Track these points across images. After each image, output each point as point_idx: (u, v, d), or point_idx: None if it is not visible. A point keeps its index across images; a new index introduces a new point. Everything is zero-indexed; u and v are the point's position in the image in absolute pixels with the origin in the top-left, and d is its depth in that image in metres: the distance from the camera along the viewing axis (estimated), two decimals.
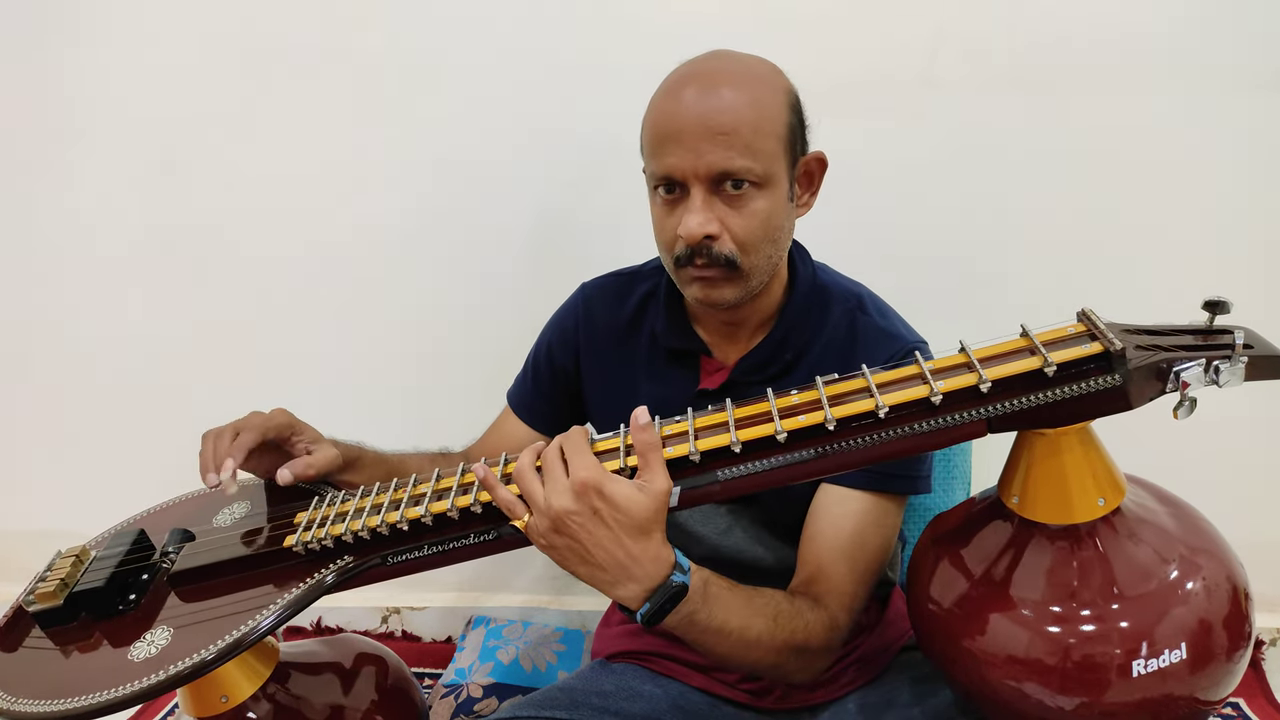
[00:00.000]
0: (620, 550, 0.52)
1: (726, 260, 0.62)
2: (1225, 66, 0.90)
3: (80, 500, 1.11)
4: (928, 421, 0.50)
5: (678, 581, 0.53)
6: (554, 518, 0.51)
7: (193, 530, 0.68)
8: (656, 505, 0.51)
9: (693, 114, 0.60)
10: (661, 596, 0.53)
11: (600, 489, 0.50)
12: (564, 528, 0.51)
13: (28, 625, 0.62)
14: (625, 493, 0.51)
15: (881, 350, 0.68)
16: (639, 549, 0.52)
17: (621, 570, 0.52)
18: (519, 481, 0.53)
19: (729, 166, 0.60)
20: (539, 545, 0.54)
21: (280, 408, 0.70)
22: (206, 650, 0.54)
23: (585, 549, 0.52)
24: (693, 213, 0.61)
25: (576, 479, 0.51)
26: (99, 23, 1.05)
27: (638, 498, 0.51)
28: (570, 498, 0.51)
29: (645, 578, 0.53)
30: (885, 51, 0.94)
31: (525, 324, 0.85)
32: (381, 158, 1.07)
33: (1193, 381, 0.47)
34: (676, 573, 0.54)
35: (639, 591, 0.53)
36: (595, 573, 0.53)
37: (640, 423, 0.52)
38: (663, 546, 0.53)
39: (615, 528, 0.51)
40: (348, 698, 0.70)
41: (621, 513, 0.51)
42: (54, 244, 1.17)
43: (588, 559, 0.52)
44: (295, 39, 1.03)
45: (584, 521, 0.51)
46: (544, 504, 0.52)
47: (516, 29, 0.99)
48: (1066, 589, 0.52)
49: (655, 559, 0.53)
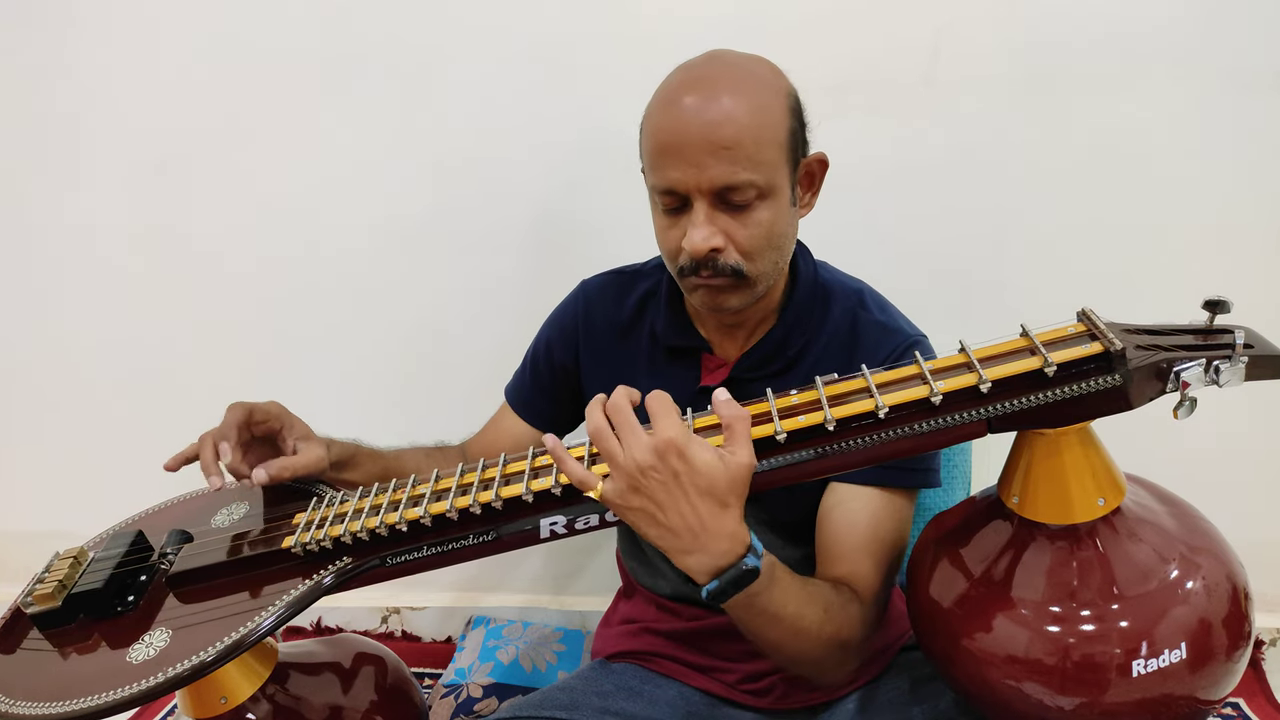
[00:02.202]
0: (694, 517, 0.50)
1: (732, 270, 0.62)
2: (1225, 66, 0.90)
3: (79, 501, 1.11)
4: (928, 421, 0.50)
5: (750, 565, 0.52)
6: (632, 475, 0.50)
7: (191, 531, 0.68)
8: (734, 477, 0.50)
9: (694, 127, 0.58)
10: (732, 576, 0.52)
11: (683, 451, 0.49)
12: (641, 485, 0.50)
13: (26, 627, 0.62)
14: (706, 459, 0.50)
15: (883, 345, 0.68)
16: (714, 521, 0.51)
17: (694, 538, 0.51)
18: (597, 440, 0.51)
19: (732, 180, 0.59)
20: (615, 507, 0.52)
21: (274, 401, 0.69)
22: (205, 652, 0.54)
23: (660, 509, 0.50)
24: (697, 227, 0.60)
25: (661, 436, 0.49)
26: (99, 23, 1.05)
27: (718, 466, 0.50)
28: (651, 454, 0.49)
29: (718, 553, 0.51)
30: (885, 51, 0.94)
31: (525, 321, 0.85)
32: (381, 157, 1.07)
33: (1193, 381, 0.47)
34: (750, 555, 0.52)
35: (709, 565, 0.52)
36: (667, 536, 0.51)
37: (722, 398, 0.51)
38: (739, 524, 0.52)
39: (692, 492, 0.50)
40: (347, 698, 0.70)
41: (701, 478, 0.49)
42: (53, 244, 1.17)
43: (661, 521, 0.51)
44: (295, 40, 1.02)
45: (664, 480, 0.50)
46: (623, 459, 0.50)
47: (517, 29, 0.99)
48: (1066, 589, 0.52)
49: (731, 535, 0.51)
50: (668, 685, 0.78)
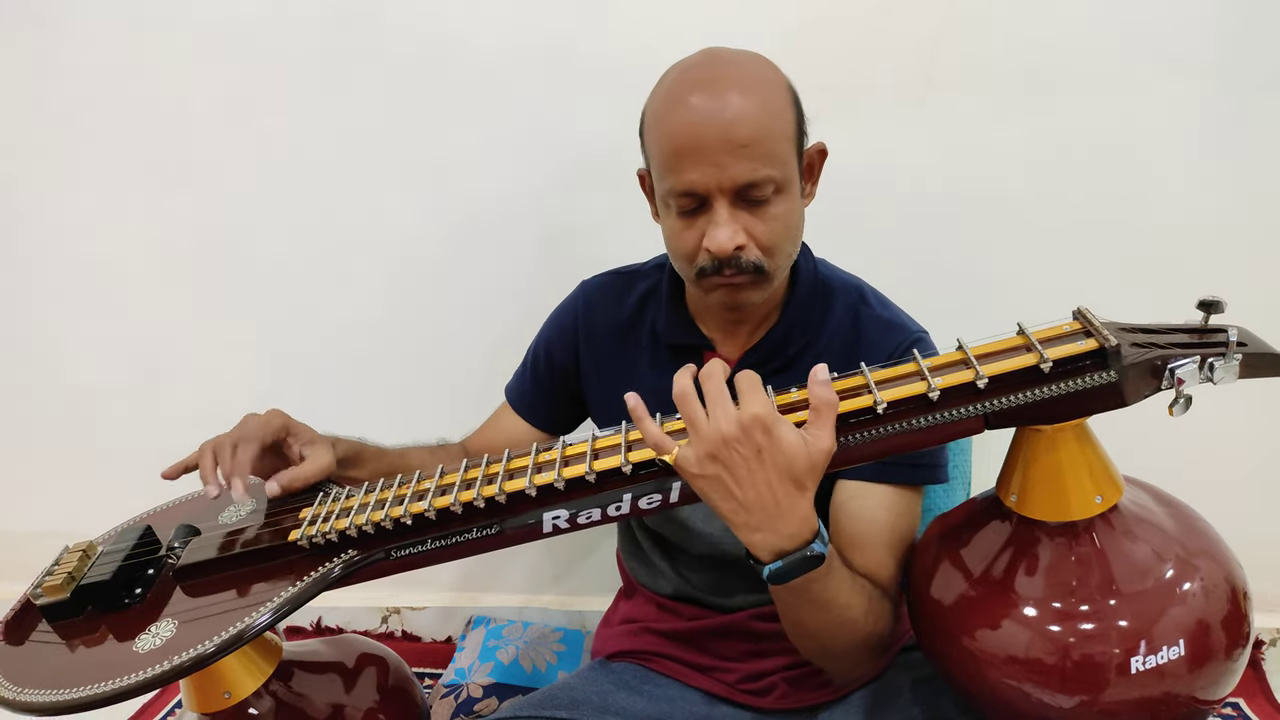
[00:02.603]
0: (770, 495, 0.50)
1: (754, 267, 0.62)
2: (1225, 66, 0.90)
3: (82, 501, 1.11)
4: (926, 417, 0.51)
5: (816, 550, 0.52)
6: (713, 443, 0.50)
7: (198, 526, 0.68)
8: (814, 460, 0.50)
9: (711, 126, 0.58)
10: (797, 558, 0.52)
11: (770, 428, 0.49)
12: (721, 454, 0.50)
13: (35, 619, 0.62)
14: (791, 439, 0.50)
15: (886, 341, 0.68)
16: (788, 501, 0.51)
17: (765, 516, 0.51)
18: (682, 404, 0.51)
19: (753, 177, 0.59)
20: (686, 473, 0.52)
21: (275, 409, 0.69)
22: (208, 642, 0.55)
23: (736, 483, 0.50)
24: (720, 226, 0.60)
25: (749, 411, 0.49)
26: (99, 23, 1.05)
27: (800, 447, 0.50)
28: (737, 426, 0.49)
29: (787, 535, 0.52)
30: (885, 51, 0.94)
31: (525, 321, 0.86)
32: (381, 157, 1.07)
33: (1187, 378, 0.48)
34: (818, 541, 0.53)
35: (775, 545, 0.52)
36: (739, 511, 0.51)
37: (820, 378, 0.50)
38: (810, 509, 0.52)
39: (772, 470, 0.50)
40: (349, 697, 0.70)
41: (783, 457, 0.50)
42: (55, 244, 1.17)
43: (734, 494, 0.51)
44: (295, 40, 1.03)
45: (746, 454, 0.50)
46: (706, 427, 0.50)
47: (517, 29, 0.99)
48: (1065, 586, 0.52)
49: (803, 519, 0.52)
50: (668, 685, 0.78)
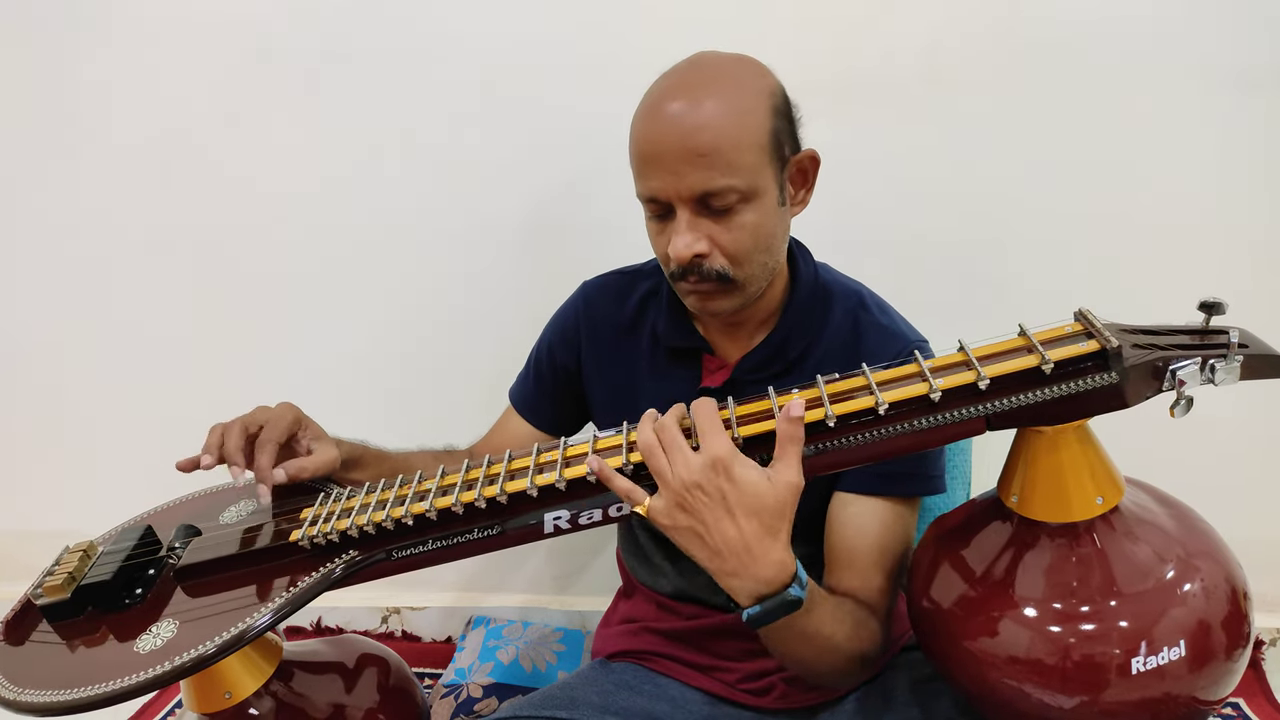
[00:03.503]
0: (739, 538, 0.50)
1: (719, 275, 0.62)
2: (1225, 66, 0.90)
3: (82, 501, 1.12)
4: (927, 418, 0.51)
5: (794, 595, 0.52)
6: (678, 492, 0.50)
7: (199, 526, 0.68)
8: (783, 499, 0.50)
9: (671, 135, 0.59)
10: (775, 604, 0.52)
11: (729, 469, 0.49)
12: (688, 503, 0.50)
13: (35, 619, 0.62)
14: (753, 479, 0.49)
15: (884, 348, 0.69)
16: (759, 545, 0.50)
17: (738, 560, 0.51)
18: (647, 457, 0.51)
19: (710, 186, 0.59)
20: (660, 524, 0.52)
21: (286, 402, 0.70)
22: (209, 643, 0.55)
23: (707, 530, 0.50)
24: (679, 235, 0.61)
25: (710, 454, 0.49)
26: (99, 22, 1.05)
27: (765, 486, 0.50)
28: (700, 471, 0.49)
29: (763, 580, 0.51)
30: (885, 51, 0.94)
31: (527, 323, 0.86)
32: (383, 157, 1.07)
33: (1189, 380, 0.48)
34: (795, 585, 0.52)
35: (752, 589, 0.52)
36: (714, 558, 0.51)
37: (792, 414, 0.50)
38: (786, 551, 0.52)
39: (738, 513, 0.50)
40: (350, 697, 0.70)
41: (747, 498, 0.49)
42: (54, 243, 1.17)
43: (708, 542, 0.51)
44: (294, 38, 1.03)
45: (710, 501, 0.50)
46: (671, 478, 0.50)
47: (517, 28, 0.99)
48: (1066, 587, 0.52)
49: (778, 564, 0.51)
50: (668, 684, 0.78)
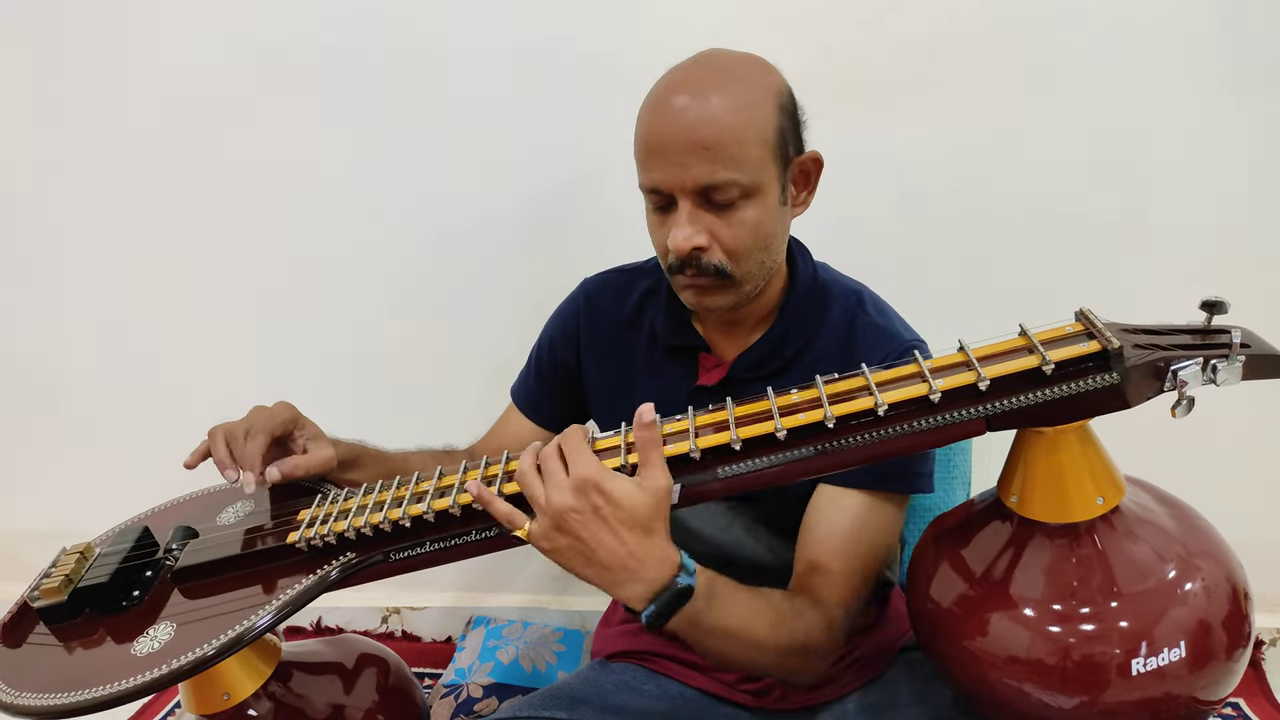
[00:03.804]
0: (623, 549, 0.51)
1: (716, 270, 0.63)
2: (1225, 66, 0.90)
3: (81, 501, 1.11)
4: (927, 419, 0.51)
5: (683, 584, 0.53)
6: (554, 516, 0.51)
7: (196, 528, 0.68)
8: (656, 502, 0.51)
9: (676, 127, 0.59)
10: (666, 597, 0.53)
11: (600, 485, 0.51)
12: (565, 525, 0.51)
13: (32, 621, 0.62)
14: (625, 489, 0.51)
15: (880, 349, 0.68)
16: (641, 548, 0.52)
17: (625, 570, 0.52)
18: (521, 482, 0.53)
19: (713, 180, 0.59)
20: (542, 549, 0.53)
21: (284, 401, 0.70)
22: (208, 645, 0.55)
23: (588, 548, 0.52)
24: (679, 227, 0.61)
25: (576, 476, 0.51)
26: (99, 22, 1.05)
27: (637, 494, 0.51)
28: (570, 495, 0.51)
29: (650, 579, 0.52)
30: (885, 51, 0.94)
31: (528, 321, 0.86)
32: (382, 157, 1.07)
33: (1190, 380, 0.47)
34: (682, 574, 0.53)
35: (644, 592, 0.53)
36: (600, 573, 0.53)
37: (644, 420, 0.52)
38: (667, 546, 0.53)
39: (617, 525, 0.51)
40: (349, 697, 0.70)
41: (623, 510, 0.51)
42: (54, 243, 1.17)
43: (591, 559, 0.52)
44: (295, 39, 1.03)
45: (585, 519, 0.51)
46: (544, 503, 0.52)
47: (517, 28, 0.99)
48: (1066, 588, 0.52)
49: (660, 560, 0.53)
50: (667, 685, 0.78)
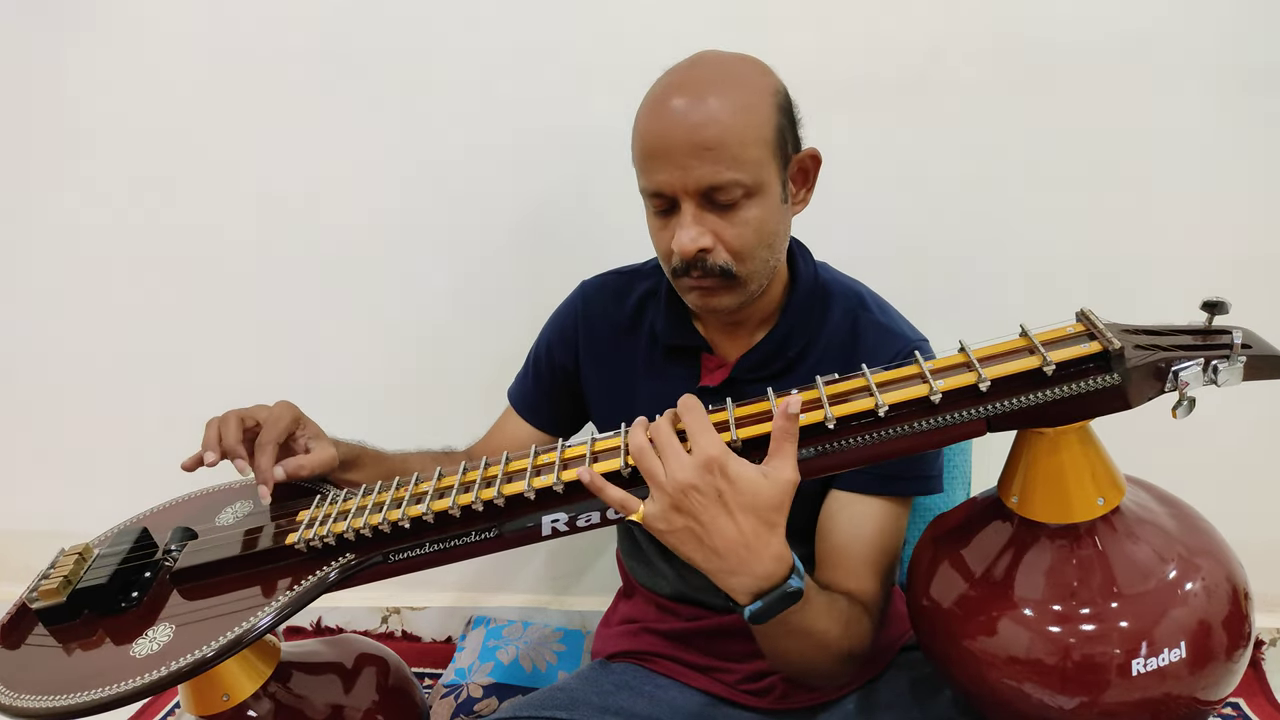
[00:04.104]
0: (740, 537, 0.50)
1: (722, 270, 0.62)
2: (1225, 66, 0.90)
3: (80, 501, 1.11)
4: (927, 420, 0.51)
5: (795, 586, 0.52)
6: (675, 493, 0.49)
7: (195, 529, 0.68)
8: (780, 494, 0.50)
9: (678, 129, 0.59)
10: (776, 596, 0.52)
11: (725, 467, 0.49)
12: (684, 505, 0.49)
13: (31, 622, 0.62)
14: (749, 475, 0.49)
15: (884, 348, 0.68)
16: (758, 539, 0.50)
17: (738, 560, 0.50)
18: (637, 458, 0.51)
19: (716, 180, 0.59)
20: (656, 530, 0.51)
21: (285, 401, 0.70)
22: (207, 647, 0.55)
23: (705, 530, 0.50)
24: (684, 228, 0.61)
25: (703, 454, 0.49)
26: (99, 23, 1.05)
27: (762, 483, 0.49)
28: (694, 472, 0.49)
29: (762, 575, 0.51)
30: (885, 51, 0.94)
31: (526, 323, 0.86)
32: (382, 158, 1.07)
33: (1191, 381, 0.47)
34: (794, 577, 0.52)
35: (751, 585, 0.51)
36: (712, 558, 0.51)
37: (790, 411, 0.49)
38: (784, 545, 0.52)
39: (736, 510, 0.49)
40: (349, 697, 0.70)
41: (745, 496, 0.49)
42: (53, 244, 1.17)
43: (706, 542, 0.50)
44: (293, 39, 1.03)
45: (706, 501, 0.49)
46: (665, 479, 0.49)
47: (516, 28, 0.99)
48: (1066, 588, 0.52)
49: (777, 557, 0.51)
50: (668, 685, 0.78)
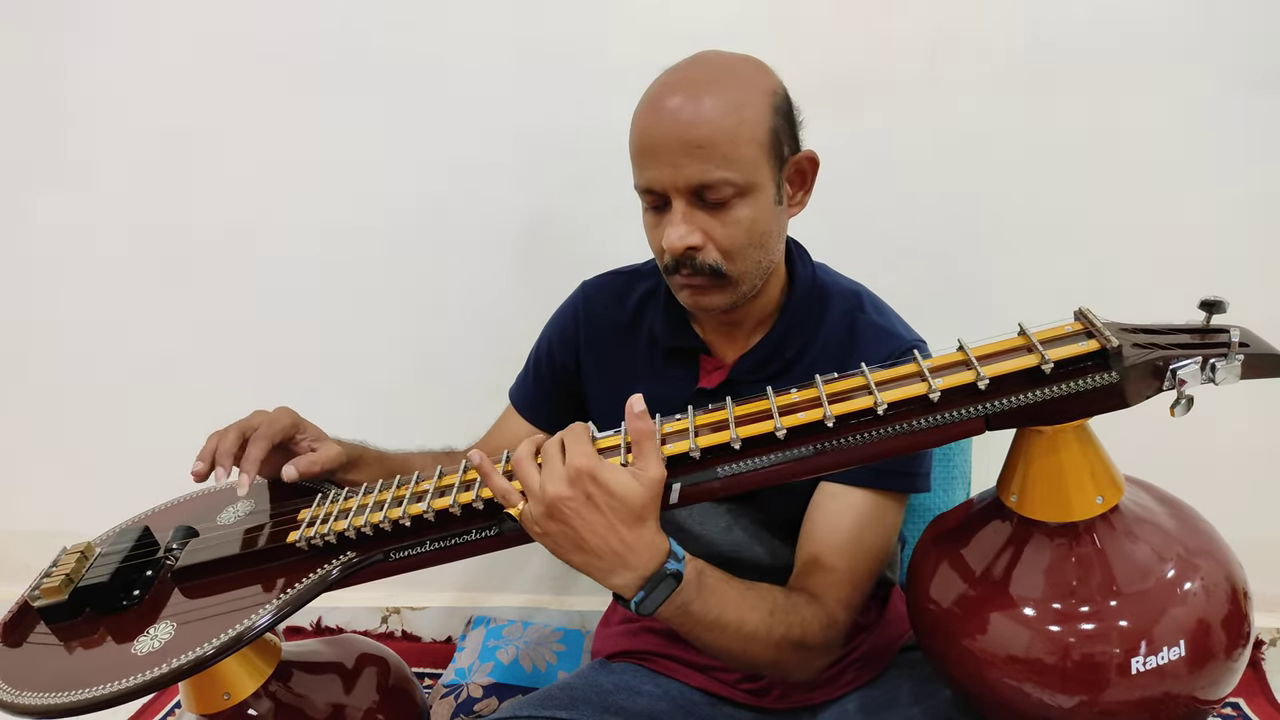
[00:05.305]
0: (614, 537, 0.52)
1: (711, 269, 0.63)
2: (1225, 66, 0.90)
3: (81, 501, 1.11)
4: (926, 418, 0.51)
5: (671, 569, 0.54)
6: (548, 503, 0.52)
7: (196, 527, 0.68)
8: (650, 492, 0.52)
9: (670, 127, 0.59)
10: (655, 583, 0.54)
11: (594, 475, 0.51)
12: (558, 513, 0.52)
13: (33, 620, 0.62)
14: (619, 479, 0.52)
15: (880, 349, 0.68)
16: (633, 536, 0.52)
17: (616, 557, 0.53)
18: (516, 469, 0.54)
19: (706, 179, 0.60)
20: (534, 534, 0.54)
21: (284, 406, 0.70)
22: (207, 645, 0.55)
23: (580, 535, 0.52)
24: (673, 226, 0.61)
25: (572, 465, 0.51)
26: (99, 22, 1.05)
27: (631, 484, 0.52)
28: (564, 483, 0.51)
29: (640, 565, 0.53)
30: (885, 51, 0.94)
31: (526, 323, 0.86)
32: (382, 158, 1.07)
33: (1189, 379, 0.47)
34: (671, 560, 0.54)
35: (633, 579, 0.53)
36: (590, 560, 0.53)
37: (635, 410, 0.52)
38: (657, 534, 0.54)
39: (609, 514, 0.52)
40: (349, 697, 0.70)
41: (616, 499, 0.51)
42: (54, 244, 1.17)
43: (582, 546, 0.53)
44: (294, 40, 1.03)
45: (578, 507, 0.52)
46: (539, 490, 0.52)
47: (515, 28, 0.99)
48: (1065, 587, 0.52)
49: (650, 546, 0.53)
50: (668, 685, 0.78)
